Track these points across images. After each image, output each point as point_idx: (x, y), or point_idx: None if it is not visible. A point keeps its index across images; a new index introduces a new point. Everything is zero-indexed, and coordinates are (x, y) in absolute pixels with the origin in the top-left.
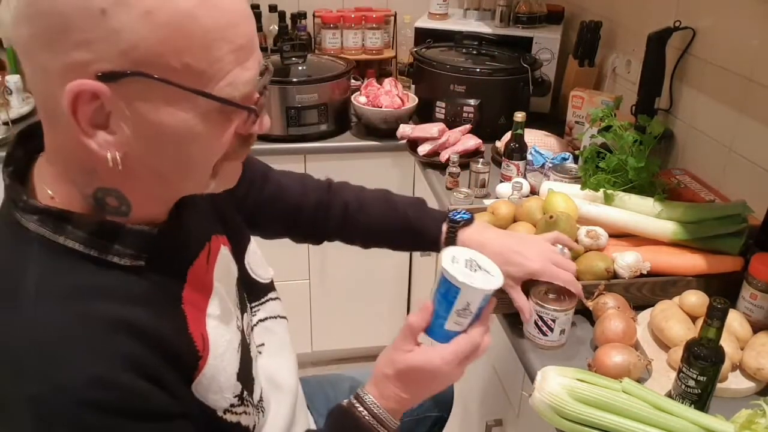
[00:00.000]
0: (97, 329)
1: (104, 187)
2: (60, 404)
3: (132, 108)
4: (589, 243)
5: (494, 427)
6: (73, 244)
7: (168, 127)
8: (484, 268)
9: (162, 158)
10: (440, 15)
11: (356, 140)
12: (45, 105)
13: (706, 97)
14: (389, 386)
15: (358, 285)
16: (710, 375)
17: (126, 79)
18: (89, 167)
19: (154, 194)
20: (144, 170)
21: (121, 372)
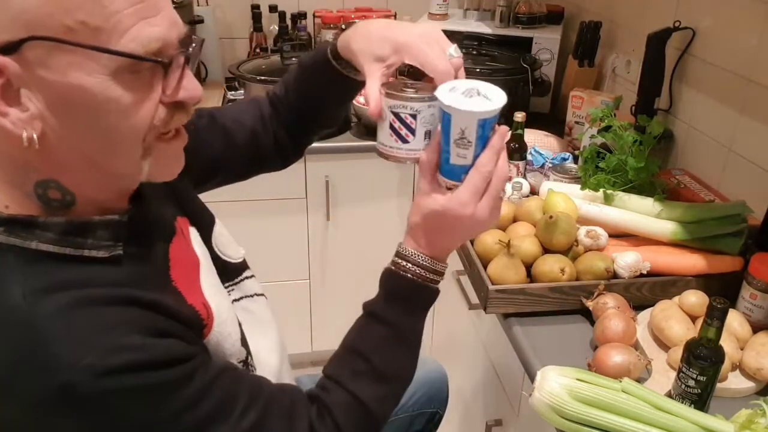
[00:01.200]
0: (95, 307)
1: (41, 180)
2: (89, 383)
3: (37, 78)
4: (589, 243)
5: (494, 427)
6: (47, 246)
7: (78, 94)
8: (484, 95)
9: (80, 132)
10: (440, 15)
11: (356, 140)
12: None
13: (705, 97)
14: (422, 234)
15: (358, 285)
16: (710, 375)
17: (24, 47)
18: (20, 160)
19: (91, 181)
20: (68, 151)
21: (132, 335)
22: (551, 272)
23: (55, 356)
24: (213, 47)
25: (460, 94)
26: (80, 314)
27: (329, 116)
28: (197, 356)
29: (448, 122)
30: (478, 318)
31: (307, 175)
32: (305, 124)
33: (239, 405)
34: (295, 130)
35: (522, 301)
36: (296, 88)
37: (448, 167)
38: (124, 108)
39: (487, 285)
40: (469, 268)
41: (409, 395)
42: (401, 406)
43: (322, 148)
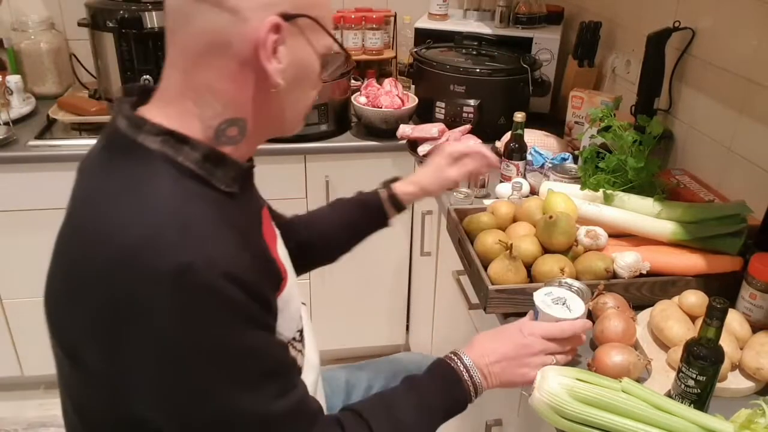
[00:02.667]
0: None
1: (233, 118)
2: (207, 274)
3: (293, 43)
4: (588, 243)
5: (494, 427)
6: (189, 164)
7: (305, 60)
8: (568, 305)
9: (294, 88)
10: (440, 15)
11: (356, 140)
12: (209, 44)
13: (705, 98)
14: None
15: (358, 285)
16: (710, 375)
17: (295, 20)
18: (231, 99)
19: (267, 128)
20: (277, 101)
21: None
22: (551, 272)
23: (188, 239)
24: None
25: (550, 300)
26: (212, 221)
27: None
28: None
29: (536, 317)
30: (478, 318)
31: (307, 175)
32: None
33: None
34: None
35: (522, 301)
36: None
37: None
38: (316, 78)
39: (487, 285)
40: (469, 268)
41: None
42: None
43: (322, 148)
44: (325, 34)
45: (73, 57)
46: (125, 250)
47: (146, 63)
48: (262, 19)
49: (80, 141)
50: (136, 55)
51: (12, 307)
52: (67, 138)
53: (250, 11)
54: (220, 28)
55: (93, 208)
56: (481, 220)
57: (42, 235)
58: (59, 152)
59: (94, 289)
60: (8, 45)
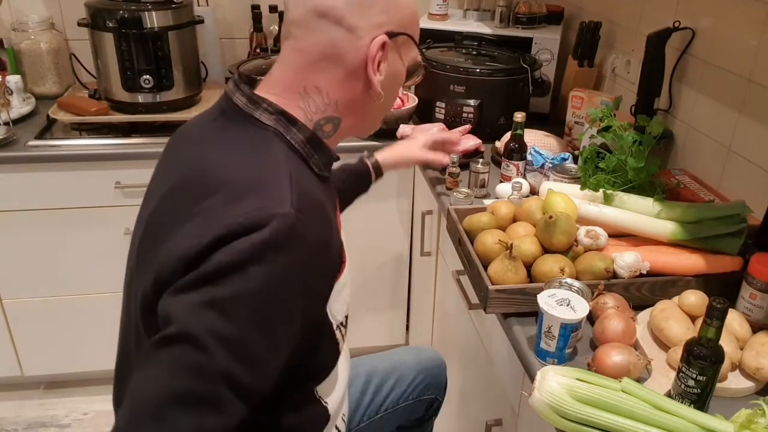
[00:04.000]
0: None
1: (331, 116)
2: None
3: (391, 56)
4: (588, 243)
5: (494, 427)
6: (295, 142)
7: (398, 72)
8: (572, 306)
9: (387, 98)
10: (440, 15)
11: (356, 140)
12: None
13: (705, 98)
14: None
15: (358, 285)
16: (710, 375)
17: (398, 38)
18: (333, 101)
19: (353, 128)
20: (369, 106)
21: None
22: (551, 272)
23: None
24: (213, 47)
25: (555, 302)
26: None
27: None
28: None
29: (541, 318)
30: (478, 318)
31: None
32: None
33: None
34: None
35: (522, 301)
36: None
37: (539, 349)
38: (400, 87)
39: (487, 285)
40: (469, 268)
41: (408, 383)
42: (401, 395)
43: None
44: (415, 48)
45: (73, 57)
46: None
47: (146, 63)
48: (373, 37)
49: (80, 141)
50: (136, 55)
51: (12, 307)
52: (67, 138)
53: (366, 30)
54: (338, 42)
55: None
56: (481, 220)
57: (42, 235)
58: (59, 152)
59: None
60: (8, 45)
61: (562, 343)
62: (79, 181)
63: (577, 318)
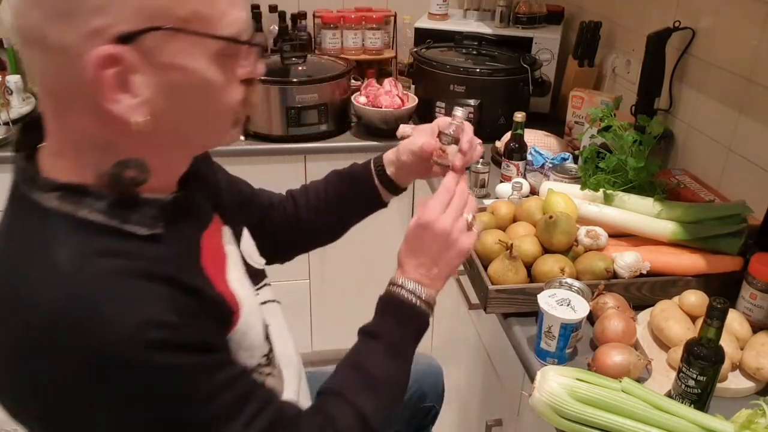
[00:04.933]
0: (135, 280)
1: (124, 160)
2: (122, 356)
3: (152, 65)
4: (589, 243)
5: (494, 427)
6: (95, 216)
7: (185, 77)
8: (572, 306)
9: (184, 112)
10: (440, 15)
11: (356, 140)
12: (58, 88)
13: (705, 97)
14: (407, 261)
15: (358, 285)
16: (710, 375)
17: (143, 37)
18: (108, 142)
19: (173, 158)
20: (167, 131)
21: (168, 313)
22: (551, 272)
23: (99, 318)
24: None
25: (555, 302)
26: (126, 283)
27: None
28: (225, 349)
29: (541, 318)
30: (478, 318)
31: (307, 175)
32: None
33: (253, 407)
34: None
35: (522, 301)
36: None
37: (539, 349)
38: (219, 87)
39: (487, 285)
40: (469, 268)
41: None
42: None
43: (322, 148)
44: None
45: None
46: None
47: None
48: (89, 54)
49: None
50: None
51: None
52: None
53: (76, 46)
54: (57, 72)
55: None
56: (481, 220)
57: None
58: None
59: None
60: (8, 45)
61: (563, 343)
62: None
63: (577, 318)
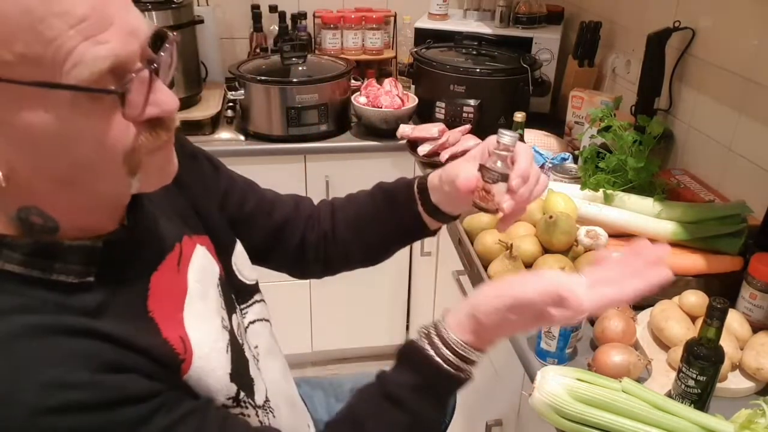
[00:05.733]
0: (49, 336)
1: (24, 206)
2: (21, 421)
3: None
4: (589, 243)
5: (494, 427)
6: (13, 267)
7: (39, 131)
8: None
9: (52, 164)
10: (440, 15)
11: (356, 140)
12: None
13: (705, 97)
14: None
15: (358, 285)
16: (710, 375)
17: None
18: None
19: (75, 204)
20: (43, 180)
21: (79, 370)
22: None
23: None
24: (213, 47)
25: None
26: (25, 344)
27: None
28: (160, 395)
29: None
30: None
31: (307, 175)
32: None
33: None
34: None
35: None
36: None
37: (539, 349)
38: (93, 135)
39: None
40: (469, 268)
41: None
42: None
43: (322, 148)
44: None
45: None
46: None
47: None
48: None
49: None
50: None
51: None
52: None
53: None
54: None
55: None
56: (481, 220)
57: None
58: None
59: None
60: None
61: (563, 343)
62: None
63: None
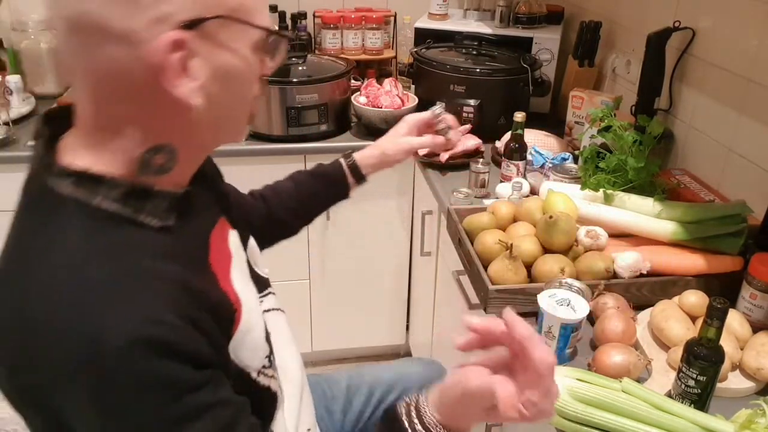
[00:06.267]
0: (138, 278)
1: (158, 145)
2: (114, 355)
3: (208, 51)
4: (589, 243)
5: (494, 428)
6: (108, 204)
7: (233, 64)
8: (572, 306)
9: (226, 98)
10: (440, 15)
11: (356, 140)
12: (110, 73)
13: (705, 98)
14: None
15: (358, 285)
16: (710, 375)
17: (204, 24)
18: (148, 128)
19: (200, 148)
20: (209, 118)
21: (167, 312)
22: (551, 272)
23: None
24: None
25: (555, 302)
26: (121, 282)
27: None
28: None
29: (542, 318)
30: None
31: None
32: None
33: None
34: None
35: (522, 301)
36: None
37: None
38: (253, 77)
39: (487, 285)
40: (469, 268)
41: None
42: None
43: (322, 148)
44: (249, 26)
45: None
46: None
47: None
48: (156, 39)
49: None
50: None
51: None
52: None
53: (142, 32)
54: (118, 58)
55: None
56: (481, 220)
57: None
58: None
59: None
60: (8, 45)
61: (563, 343)
62: None
63: (577, 318)
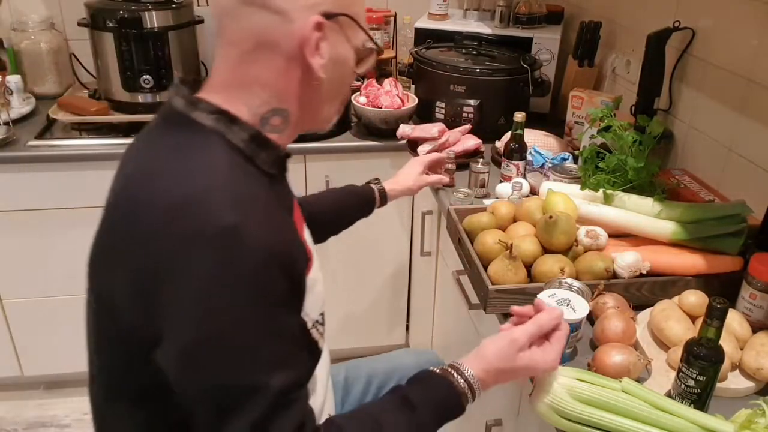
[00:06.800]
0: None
1: (278, 108)
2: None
3: (335, 39)
4: (588, 243)
5: (494, 427)
6: (238, 141)
7: (344, 55)
8: (572, 306)
9: (335, 81)
10: (440, 15)
11: (356, 140)
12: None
13: (705, 97)
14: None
15: (358, 285)
16: (710, 375)
17: (337, 18)
18: (277, 91)
19: (306, 120)
20: (320, 94)
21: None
22: (551, 272)
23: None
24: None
25: (555, 302)
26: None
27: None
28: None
29: None
30: (478, 318)
31: (307, 175)
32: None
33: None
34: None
35: (522, 301)
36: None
37: None
38: (353, 72)
39: (487, 285)
40: (469, 268)
41: None
42: None
43: (322, 148)
44: (361, 31)
45: (73, 57)
46: (169, 210)
47: (146, 63)
48: (306, 19)
49: (80, 141)
50: (136, 55)
51: (12, 307)
52: (67, 138)
53: (296, 12)
54: (268, 28)
55: (142, 173)
56: (481, 220)
57: (42, 235)
58: (59, 152)
59: (137, 249)
60: (8, 45)
61: None
62: (79, 181)
63: (577, 318)
